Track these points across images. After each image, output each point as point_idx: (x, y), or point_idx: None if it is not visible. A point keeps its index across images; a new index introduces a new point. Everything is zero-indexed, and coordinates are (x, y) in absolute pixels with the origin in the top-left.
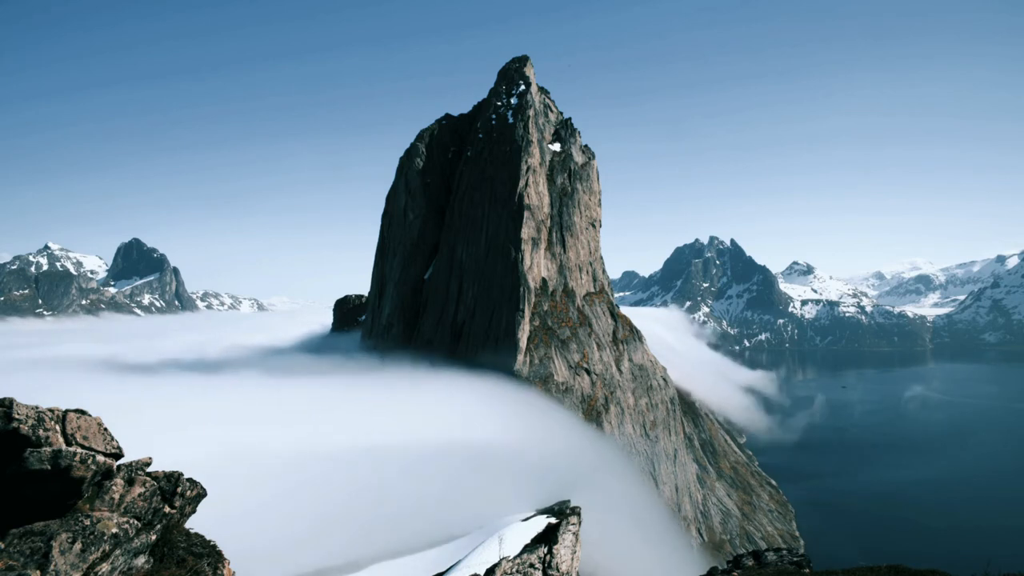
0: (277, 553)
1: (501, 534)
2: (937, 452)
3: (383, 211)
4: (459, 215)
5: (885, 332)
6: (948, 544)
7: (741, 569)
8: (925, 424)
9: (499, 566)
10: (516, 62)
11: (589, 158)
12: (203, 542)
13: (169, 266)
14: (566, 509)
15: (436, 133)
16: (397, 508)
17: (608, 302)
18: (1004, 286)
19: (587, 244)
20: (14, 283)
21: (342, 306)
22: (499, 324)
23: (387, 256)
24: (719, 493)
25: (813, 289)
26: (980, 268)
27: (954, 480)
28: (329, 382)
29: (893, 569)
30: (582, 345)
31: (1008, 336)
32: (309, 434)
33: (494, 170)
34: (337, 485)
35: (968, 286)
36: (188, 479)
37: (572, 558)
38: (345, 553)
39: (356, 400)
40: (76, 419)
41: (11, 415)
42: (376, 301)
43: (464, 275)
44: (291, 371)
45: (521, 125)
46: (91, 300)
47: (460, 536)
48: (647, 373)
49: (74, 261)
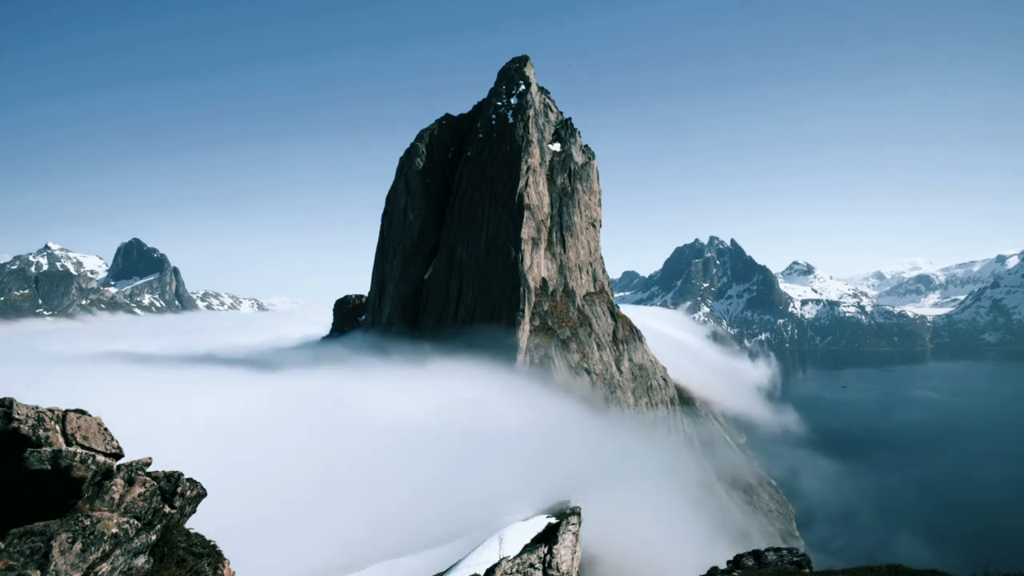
0: (277, 553)
1: (501, 534)
2: (937, 452)
3: (383, 211)
4: (459, 215)
5: (885, 332)
6: (948, 544)
7: (741, 569)
8: (925, 424)
9: (499, 566)
10: (516, 62)
11: (589, 158)
12: (203, 542)
13: (169, 266)
14: (566, 509)
15: (436, 133)
16: (397, 508)
17: (608, 302)
18: (1004, 286)
19: (587, 244)
20: (14, 283)
21: (342, 306)
22: (499, 324)
23: (387, 256)
24: (719, 493)
25: (813, 289)
26: (980, 268)
27: (954, 480)
28: (329, 382)
29: (893, 569)
30: (582, 345)
31: (1008, 336)
32: (309, 434)
33: (494, 170)
34: (337, 485)
35: (968, 286)
36: (188, 479)
37: (572, 558)
38: (345, 553)
39: (356, 400)
40: (76, 419)
41: (11, 415)
42: (376, 301)
43: (464, 275)
44: (291, 371)
45: (521, 125)
46: (91, 300)
47: (460, 536)
48: (647, 373)
49: (74, 261)
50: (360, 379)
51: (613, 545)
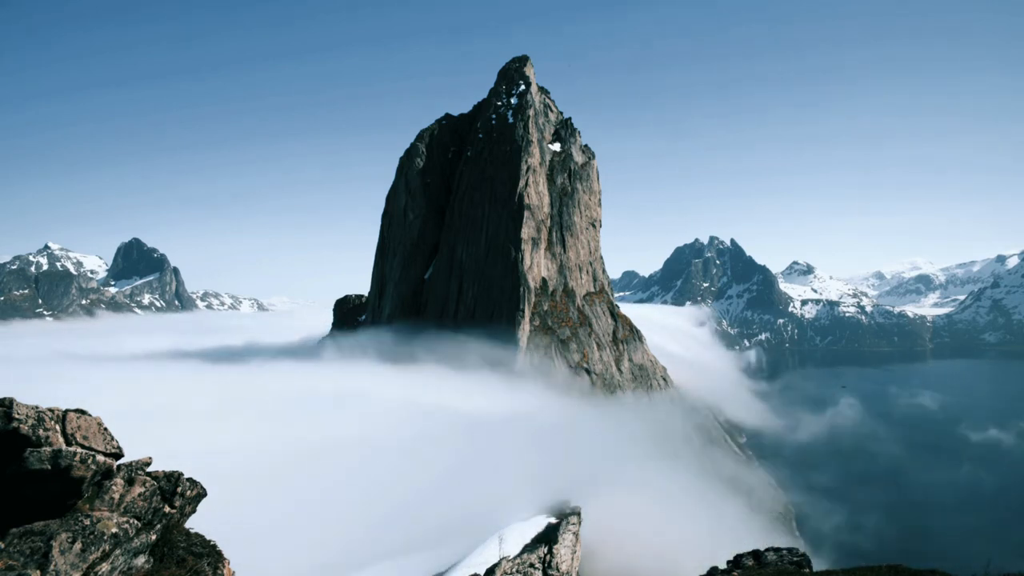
0: (277, 553)
1: (501, 534)
2: (937, 452)
3: (383, 211)
4: (459, 215)
5: (885, 332)
6: (948, 544)
7: (741, 569)
8: (924, 424)
9: (499, 566)
10: (516, 62)
11: (589, 158)
12: (203, 542)
13: (169, 266)
14: (566, 509)
15: (436, 133)
16: (397, 508)
17: (608, 302)
18: (1004, 286)
19: (587, 244)
20: (14, 283)
21: (342, 306)
22: (499, 324)
23: (387, 256)
24: (719, 493)
25: (813, 289)
26: (980, 268)
27: (954, 480)
28: (328, 381)
29: (893, 569)
30: (582, 345)
31: (1008, 336)
32: (308, 434)
33: (494, 170)
34: (337, 485)
35: (968, 286)
36: (188, 479)
37: (572, 558)
38: (344, 553)
39: (355, 399)
40: (76, 419)
41: (11, 415)
42: (376, 301)
43: (464, 275)
44: (291, 371)
45: (521, 125)
46: (91, 300)
47: (460, 536)
48: (647, 373)
49: (74, 261)
50: (360, 379)
51: (613, 545)
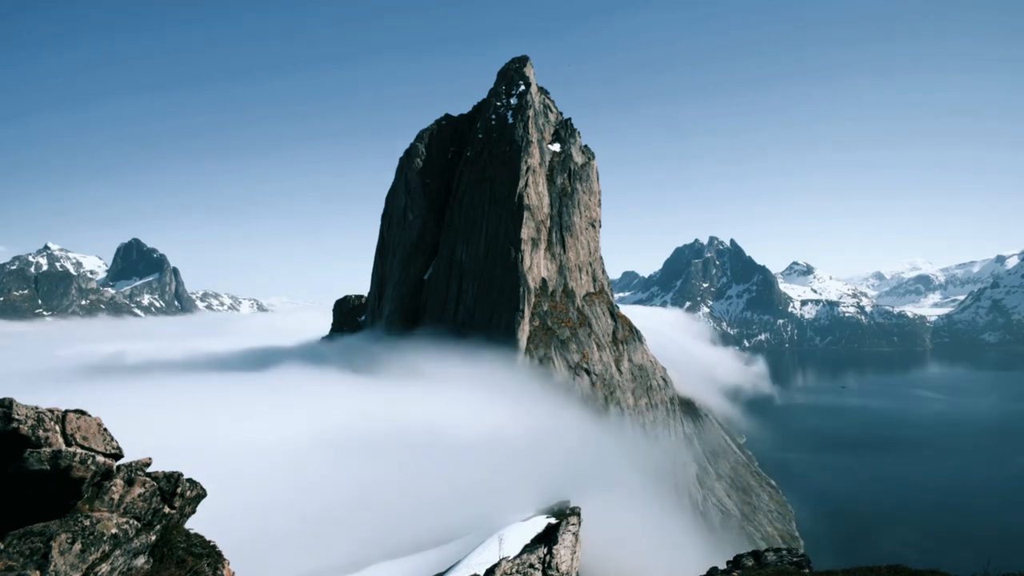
0: (277, 553)
1: (501, 534)
2: (936, 452)
3: (383, 211)
4: (459, 215)
5: (885, 332)
6: (948, 544)
7: (741, 569)
8: (924, 424)
9: (499, 566)
10: (516, 62)
11: (589, 158)
12: (203, 542)
13: (169, 266)
14: (566, 509)
15: (436, 133)
16: (397, 508)
17: (608, 302)
18: (1004, 286)
19: (587, 244)
20: (14, 283)
21: (342, 306)
22: (499, 324)
23: (387, 256)
24: (719, 493)
25: (813, 289)
26: (980, 268)
27: (954, 480)
28: (327, 382)
29: (893, 569)
30: (582, 345)
31: (1008, 336)
32: (308, 434)
33: (494, 170)
34: (337, 485)
35: (968, 286)
36: (188, 479)
37: (572, 558)
38: (345, 553)
39: (355, 400)
40: (76, 419)
41: (11, 415)
42: (376, 301)
43: (464, 275)
44: (290, 371)
45: (521, 125)
46: (91, 300)
47: (460, 536)
48: (647, 373)
49: (74, 261)
50: (360, 379)
51: (614, 545)
